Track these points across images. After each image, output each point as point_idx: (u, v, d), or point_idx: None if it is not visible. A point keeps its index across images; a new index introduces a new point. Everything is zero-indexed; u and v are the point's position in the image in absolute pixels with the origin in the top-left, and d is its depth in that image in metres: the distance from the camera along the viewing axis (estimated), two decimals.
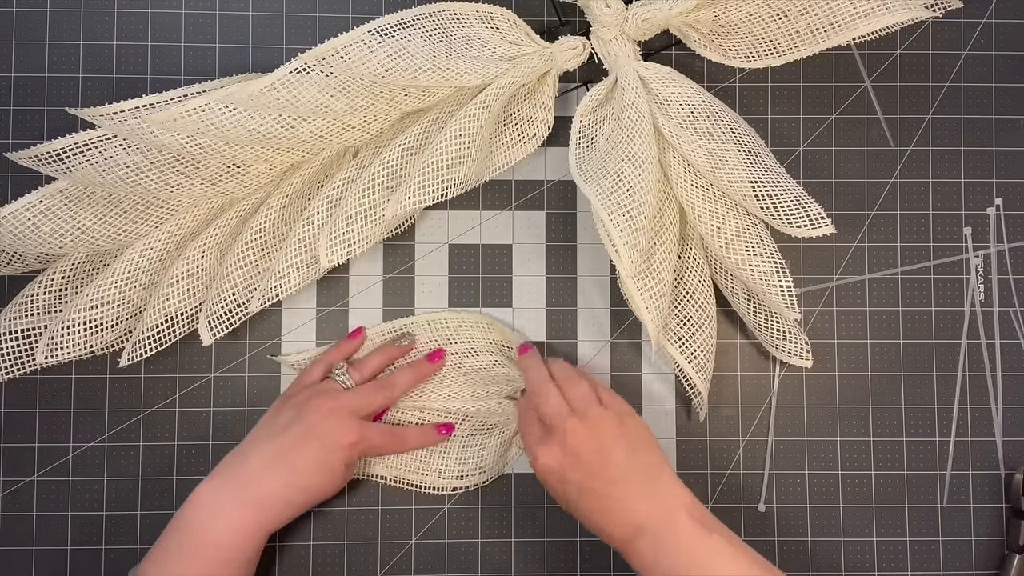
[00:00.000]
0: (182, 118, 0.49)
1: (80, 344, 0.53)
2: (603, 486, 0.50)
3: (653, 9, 0.55)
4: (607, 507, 0.50)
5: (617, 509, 0.50)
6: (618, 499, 0.50)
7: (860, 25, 0.52)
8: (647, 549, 0.48)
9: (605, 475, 0.50)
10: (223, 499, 0.51)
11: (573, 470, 0.50)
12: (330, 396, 0.54)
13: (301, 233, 0.55)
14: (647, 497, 0.50)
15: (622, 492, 0.50)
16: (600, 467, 0.50)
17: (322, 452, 0.52)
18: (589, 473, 0.50)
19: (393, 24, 0.53)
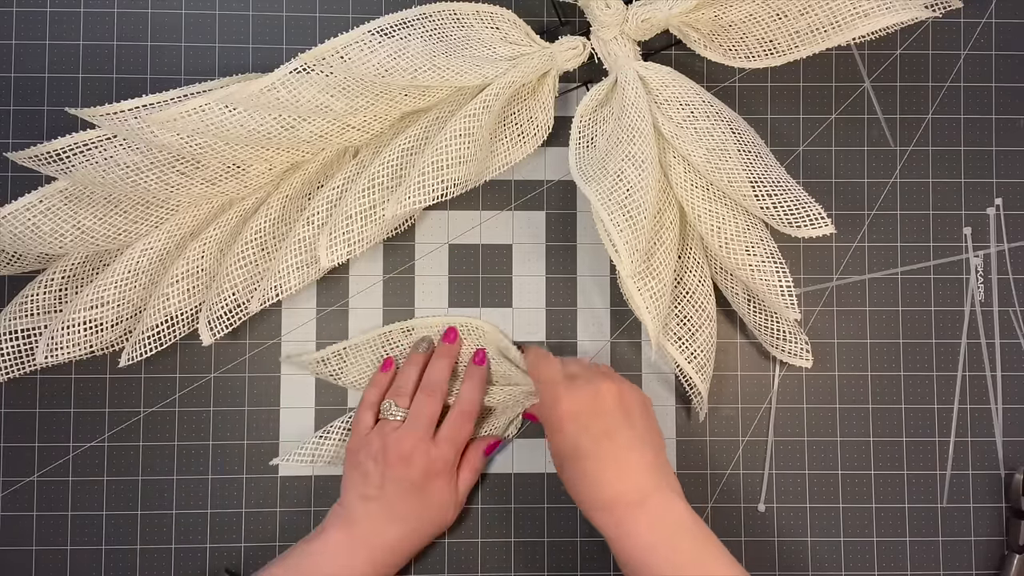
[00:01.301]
0: (182, 118, 0.49)
1: (80, 344, 0.53)
2: (623, 440, 0.51)
3: (653, 9, 0.55)
4: (623, 460, 0.50)
5: (631, 468, 0.50)
6: (632, 459, 0.50)
7: (860, 25, 0.52)
8: (642, 518, 0.49)
9: (625, 432, 0.51)
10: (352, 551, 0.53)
11: (598, 417, 0.51)
12: (401, 439, 0.54)
13: (301, 233, 0.55)
14: (654, 468, 0.51)
15: (639, 455, 0.51)
16: (624, 424, 0.51)
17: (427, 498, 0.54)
18: (614, 424, 0.51)
19: (393, 24, 0.53)
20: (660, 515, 0.49)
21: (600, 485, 0.50)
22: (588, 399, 0.52)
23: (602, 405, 0.51)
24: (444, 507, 0.55)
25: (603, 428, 0.51)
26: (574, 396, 0.52)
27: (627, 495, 0.50)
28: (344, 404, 0.59)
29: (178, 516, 0.58)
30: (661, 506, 0.50)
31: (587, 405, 0.51)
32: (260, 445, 0.59)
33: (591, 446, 0.51)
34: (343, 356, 0.59)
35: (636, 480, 0.50)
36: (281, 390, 0.59)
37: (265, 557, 0.58)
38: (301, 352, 0.59)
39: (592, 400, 0.52)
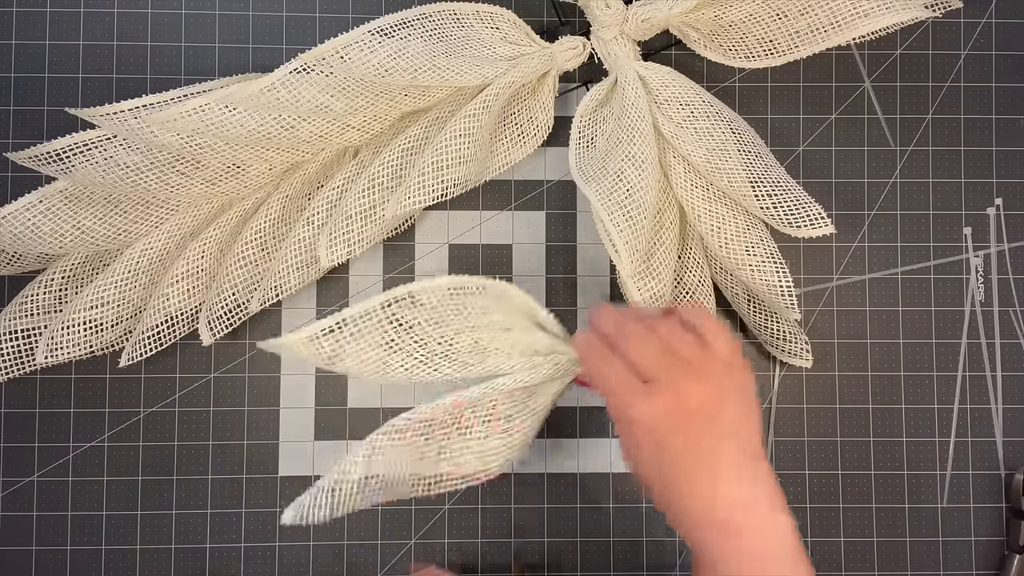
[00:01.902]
0: (182, 118, 0.49)
1: (80, 344, 0.53)
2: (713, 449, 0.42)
3: (653, 9, 0.55)
4: (714, 473, 0.42)
5: (723, 480, 0.42)
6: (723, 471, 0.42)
7: (860, 25, 0.52)
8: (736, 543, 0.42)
9: (717, 442, 0.43)
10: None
11: (681, 428, 0.42)
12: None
13: (301, 233, 0.55)
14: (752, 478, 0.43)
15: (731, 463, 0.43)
16: (714, 429, 0.43)
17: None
18: (700, 432, 0.42)
19: (393, 24, 0.53)
20: (759, 540, 0.42)
21: (688, 501, 0.43)
22: (667, 409, 0.43)
23: (684, 411, 0.43)
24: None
25: (687, 439, 0.42)
26: (650, 405, 0.43)
27: (719, 514, 0.42)
28: (344, 404, 0.59)
29: (178, 516, 0.58)
30: (759, 529, 0.42)
31: (666, 415, 0.43)
32: (260, 445, 0.59)
33: (675, 459, 0.43)
34: (340, 332, 0.49)
35: (727, 496, 0.42)
36: (281, 390, 0.59)
37: (265, 557, 0.58)
38: (291, 332, 0.50)
39: (673, 409, 0.43)
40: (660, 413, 0.42)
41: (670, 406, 0.42)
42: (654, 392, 0.43)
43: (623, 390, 0.44)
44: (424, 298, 0.47)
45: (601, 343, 0.46)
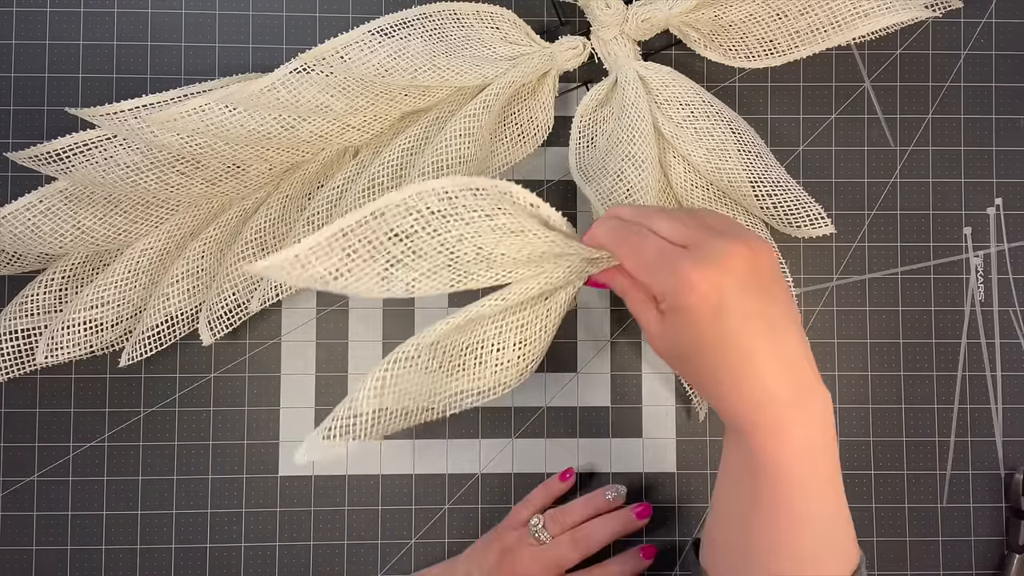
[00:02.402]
0: (182, 118, 0.49)
1: (80, 344, 0.53)
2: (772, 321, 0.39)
3: (653, 9, 0.55)
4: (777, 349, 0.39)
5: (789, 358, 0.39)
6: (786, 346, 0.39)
7: (860, 25, 0.52)
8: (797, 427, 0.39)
9: (773, 309, 0.39)
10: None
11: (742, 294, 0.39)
12: (523, 558, 0.54)
13: (301, 233, 0.55)
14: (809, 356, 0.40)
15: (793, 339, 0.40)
16: (769, 298, 0.39)
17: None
18: (759, 300, 0.39)
19: (393, 24, 0.53)
20: (818, 422, 0.39)
21: (751, 381, 0.39)
22: (723, 271, 0.39)
23: (739, 277, 0.39)
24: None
25: (746, 304, 0.39)
26: (706, 273, 0.39)
27: (783, 395, 0.39)
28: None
29: (178, 516, 0.58)
30: (820, 412, 0.39)
31: (723, 281, 0.39)
32: (260, 445, 0.59)
33: (735, 331, 0.39)
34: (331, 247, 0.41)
35: (795, 375, 0.39)
36: (281, 390, 0.59)
37: (265, 557, 0.58)
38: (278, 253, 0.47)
39: (728, 274, 0.39)
40: (717, 281, 0.39)
41: (724, 273, 0.39)
42: (706, 259, 0.39)
43: (670, 259, 0.39)
44: (419, 204, 0.41)
45: (626, 225, 0.42)
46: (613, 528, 0.55)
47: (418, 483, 0.59)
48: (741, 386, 0.39)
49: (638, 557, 0.56)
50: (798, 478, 0.39)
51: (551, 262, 0.45)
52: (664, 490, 0.60)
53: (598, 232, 0.43)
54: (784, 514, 0.40)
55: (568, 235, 0.44)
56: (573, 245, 0.44)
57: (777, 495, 0.39)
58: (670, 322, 0.41)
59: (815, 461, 0.39)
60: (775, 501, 0.40)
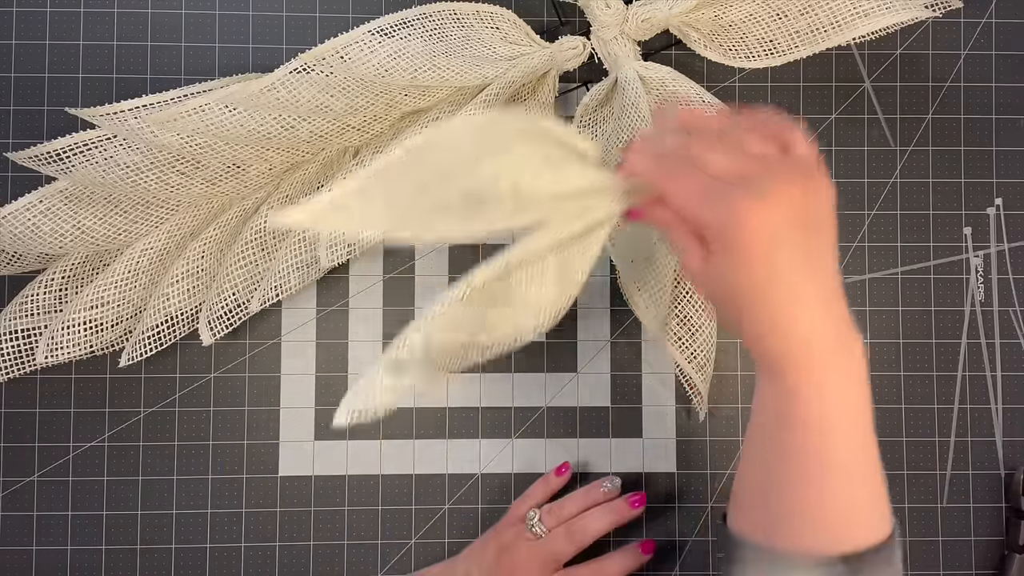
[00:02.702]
0: (182, 118, 0.49)
1: (80, 344, 0.53)
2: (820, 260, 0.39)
3: (653, 9, 0.55)
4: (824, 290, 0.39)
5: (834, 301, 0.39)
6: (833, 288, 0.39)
7: (860, 25, 0.52)
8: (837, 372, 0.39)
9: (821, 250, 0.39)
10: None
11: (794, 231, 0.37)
12: (522, 552, 0.54)
13: (301, 233, 0.55)
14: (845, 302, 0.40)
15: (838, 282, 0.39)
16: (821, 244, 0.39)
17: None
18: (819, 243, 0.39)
19: (393, 24, 0.53)
20: (855, 373, 0.39)
21: (794, 322, 0.38)
22: (776, 211, 0.37)
23: (794, 215, 0.37)
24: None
25: (799, 248, 0.38)
26: (761, 210, 0.37)
27: (825, 338, 0.39)
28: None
29: (178, 516, 0.58)
30: (858, 363, 0.39)
31: (777, 218, 0.37)
32: (260, 445, 0.59)
33: (787, 272, 0.38)
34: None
35: (838, 321, 0.39)
36: (281, 390, 0.59)
37: (265, 557, 0.58)
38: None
39: (783, 211, 0.37)
40: (773, 217, 0.37)
41: (782, 208, 0.37)
42: (761, 195, 0.37)
43: (722, 195, 0.37)
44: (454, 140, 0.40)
45: (672, 157, 0.40)
46: (609, 519, 0.55)
47: (418, 483, 0.59)
48: (783, 326, 0.38)
49: (637, 551, 0.56)
50: (830, 426, 0.38)
51: (589, 199, 0.42)
52: (664, 490, 0.60)
53: (640, 164, 0.41)
54: (813, 464, 0.39)
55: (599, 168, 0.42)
56: (610, 178, 0.42)
57: (807, 443, 0.39)
58: (717, 260, 0.39)
59: (850, 411, 0.39)
60: (804, 449, 0.39)
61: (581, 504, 0.56)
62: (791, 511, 0.40)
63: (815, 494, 0.39)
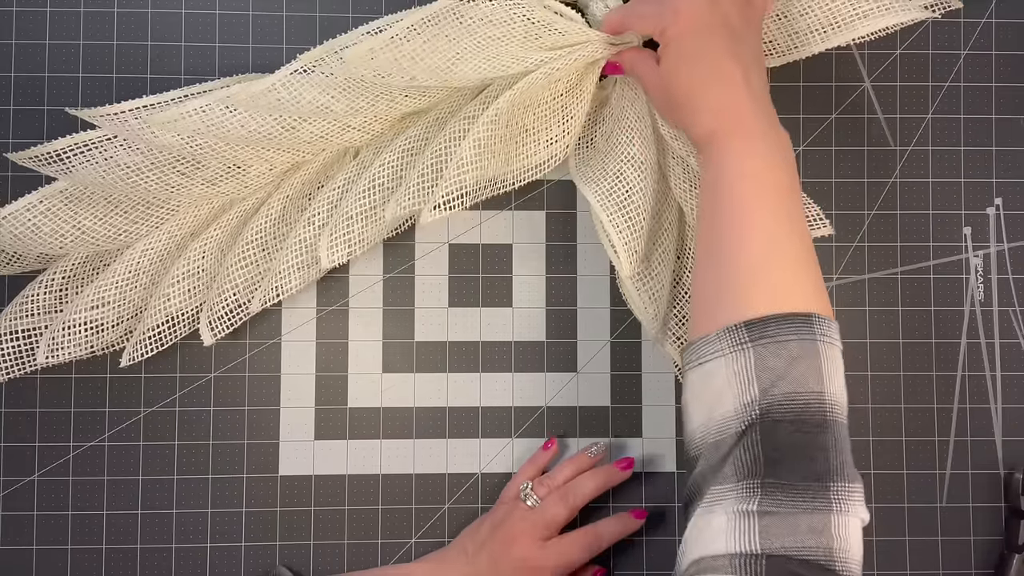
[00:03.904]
0: (183, 118, 0.49)
1: (81, 344, 0.53)
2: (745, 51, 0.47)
3: None
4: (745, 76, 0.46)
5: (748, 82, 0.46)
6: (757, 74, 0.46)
7: (860, 26, 0.52)
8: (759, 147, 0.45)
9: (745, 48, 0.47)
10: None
11: (724, 25, 0.46)
12: (518, 523, 0.54)
13: (302, 233, 0.55)
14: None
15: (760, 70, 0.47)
16: (744, 40, 0.47)
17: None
18: (741, 38, 0.47)
19: (392, 23, 0.53)
20: (779, 148, 0.45)
21: (720, 91, 0.46)
22: (705, 6, 0.46)
23: (720, 14, 0.46)
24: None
25: (723, 34, 0.46)
26: (691, 4, 0.46)
27: (747, 108, 0.45)
28: (344, 404, 0.59)
29: (178, 516, 0.58)
30: (782, 141, 0.45)
31: (706, 11, 0.46)
32: (260, 445, 0.59)
33: (713, 49, 0.46)
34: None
35: (760, 100, 0.45)
36: (281, 390, 0.59)
37: (265, 557, 0.58)
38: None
39: (710, 7, 0.46)
40: (706, 6, 0.46)
41: (721, 3, 0.46)
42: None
43: (661, 4, 0.48)
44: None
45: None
46: (597, 481, 0.56)
47: (418, 483, 0.59)
48: (712, 95, 0.45)
49: (629, 517, 0.57)
50: (751, 186, 0.43)
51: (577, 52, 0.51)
52: (664, 490, 0.60)
53: (613, 18, 0.52)
54: (736, 220, 0.43)
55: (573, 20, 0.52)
56: (592, 33, 0.52)
57: (731, 201, 0.43)
58: (664, 58, 0.48)
59: (772, 179, 0.43)
60: (730, 208, 0.43)
61: (571, 471, 0.57)
62: (719, 281, 0.43)
63: (736, 250, 0.43)
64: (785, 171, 0.44)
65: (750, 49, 0.47)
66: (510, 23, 0.50)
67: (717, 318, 0.42)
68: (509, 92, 0.51)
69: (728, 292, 0.43)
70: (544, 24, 0.50)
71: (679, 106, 0.47)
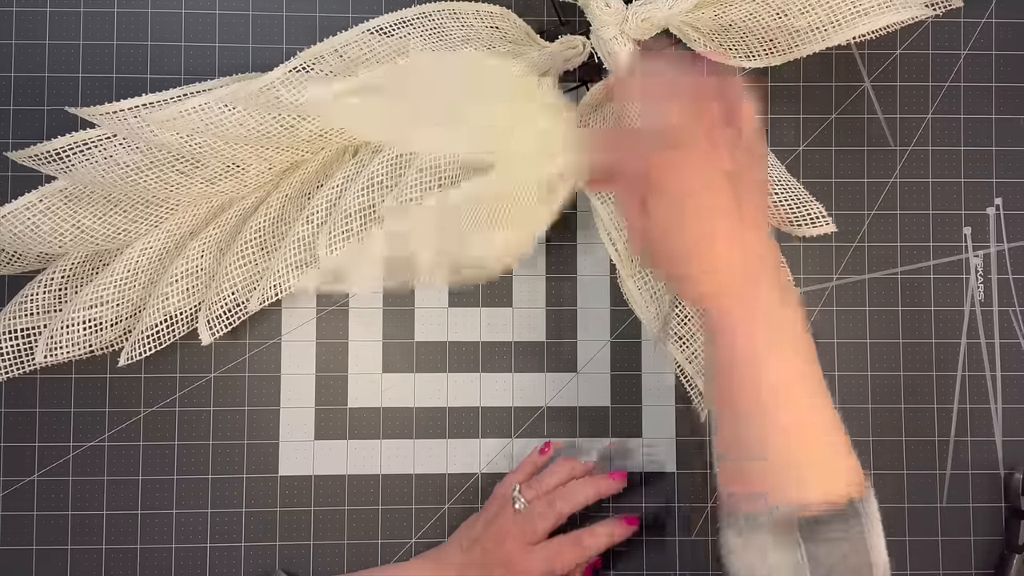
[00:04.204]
0: (182, 117, 0.49)
1: (80, 344, 0.53)
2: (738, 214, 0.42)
3: (653, 8, 0.55)
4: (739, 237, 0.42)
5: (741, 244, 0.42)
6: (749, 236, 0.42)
7: (860, 24, 0.52)
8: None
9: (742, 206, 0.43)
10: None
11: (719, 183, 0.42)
12: (507, 525, 0.54)
13: (301, 232, 0.55)
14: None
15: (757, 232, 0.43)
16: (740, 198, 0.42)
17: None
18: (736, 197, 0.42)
19: (392, 23, 0.53)
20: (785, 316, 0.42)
21: (712, 256, 0.42)
22: (696, 160, 0.42)
23: (713, 169, 0.42)
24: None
25: (719, 194, 0.42)
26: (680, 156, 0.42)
27: (738, 275, 0.42)
28: (344, 404, 0.59)
29: (178, 516, 0.58)
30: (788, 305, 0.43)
31: (697, 165, 0.42)
32: (260, 445, 0.59)
33: (707, 211, 0.42)
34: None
35: (759, 268, 0.42)
36: (281, 390, 0.59)
37: (265, 557, 0.58)
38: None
39: (702, 161, 0.42)
40: (696, 162, 0.42)
41: (715, 157, 0.42)
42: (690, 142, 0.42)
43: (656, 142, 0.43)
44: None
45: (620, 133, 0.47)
46: (587, 492, 0.55)
47: (418, 483, 0.59)
48: (705, 260, 0.42)
49: (621, 523, 0.56)
50: (758, 358, 0.41)
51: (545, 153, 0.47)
52: (664, 491, 0.60)
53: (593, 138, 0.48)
54: (751, 398, 0.41)
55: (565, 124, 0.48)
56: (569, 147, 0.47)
57: (742, 378, 0.41)
58: (652, 206, 0.43)
59: (779, 338, 0.41)
60: (740, 385, 0.41)
61: (561, 476, 0.56)
62: (749, 446, 0.42)
63: (766, 433, 0.41)
64: (796, 335, 0.42)
65: (752, 209, 0.43)
66: None
67: (753, 482, 0.42)
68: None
69: (766, 467, 0.41)
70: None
71: (670, 262, 0.44)
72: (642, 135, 0.44)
